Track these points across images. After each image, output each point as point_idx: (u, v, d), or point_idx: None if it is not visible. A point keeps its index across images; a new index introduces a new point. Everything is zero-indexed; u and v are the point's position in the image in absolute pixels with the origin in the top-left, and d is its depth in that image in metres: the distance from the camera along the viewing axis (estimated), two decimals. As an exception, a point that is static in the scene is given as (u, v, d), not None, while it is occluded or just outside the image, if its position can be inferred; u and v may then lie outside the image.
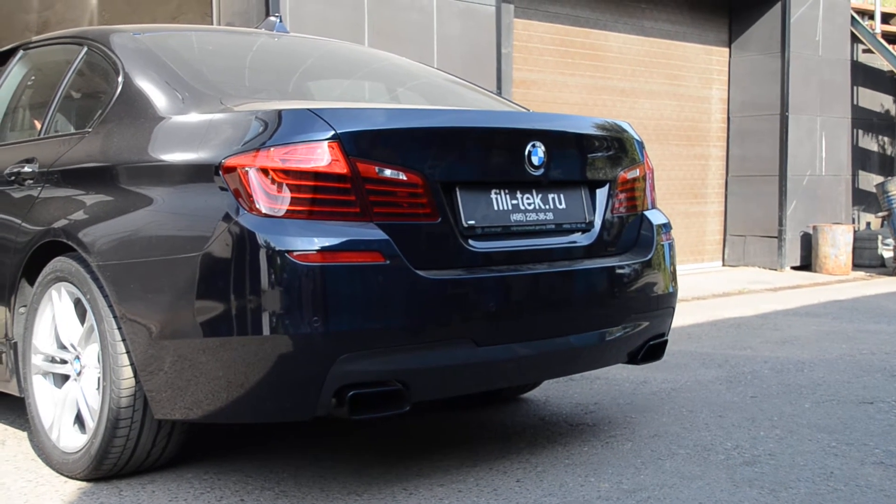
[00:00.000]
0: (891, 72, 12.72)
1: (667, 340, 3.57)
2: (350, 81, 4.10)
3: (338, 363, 2.65)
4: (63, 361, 3.25)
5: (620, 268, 3.30)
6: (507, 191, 3.09)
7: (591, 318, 3.22)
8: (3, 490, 3.05)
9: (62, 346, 3.25)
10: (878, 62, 12.67)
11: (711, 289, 8.82)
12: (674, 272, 3.58)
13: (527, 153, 3.07)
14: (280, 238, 2.63)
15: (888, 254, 11.08)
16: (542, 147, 3.11)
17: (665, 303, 3.50)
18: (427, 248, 2.84)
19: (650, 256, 3.41)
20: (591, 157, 3.35)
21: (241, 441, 3.59)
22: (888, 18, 12.98)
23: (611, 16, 9.62)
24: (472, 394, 3.99)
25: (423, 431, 3.75)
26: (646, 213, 3.52)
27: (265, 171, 2.68)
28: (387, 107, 3.41)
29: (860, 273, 10.50)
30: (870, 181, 12.75)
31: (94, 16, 8.21)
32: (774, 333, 6.25)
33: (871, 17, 12.46)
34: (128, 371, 2.95)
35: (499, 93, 7.64)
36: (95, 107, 3.42)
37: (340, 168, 2.70)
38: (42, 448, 3.28)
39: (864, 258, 11.12)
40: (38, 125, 3.73)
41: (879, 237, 11.23)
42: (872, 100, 12.99)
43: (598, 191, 3.35)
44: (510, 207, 3.08)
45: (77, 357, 3.19)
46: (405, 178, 2.80)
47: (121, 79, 3.31)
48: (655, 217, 3.55)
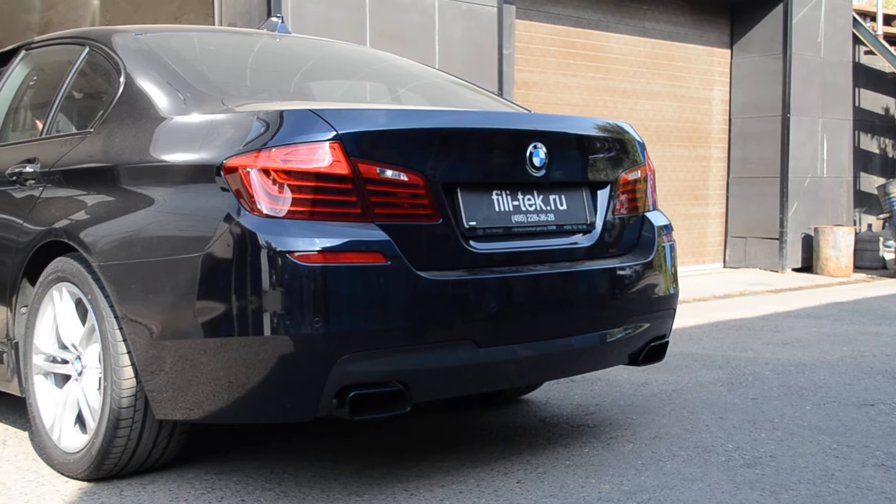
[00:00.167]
0: (892, 73, 12.72)
1: (668, 342, 3.57)
2: (351, 82, 4.10)
3: (339, 364, 2.65)
4: (64, 361, 3.25)
5: (621, 269, 3.30)
6: (509, 192, 3.08)
7: (593, 320, 3.22)
8: (5, 490, 3.06)
9: (63, 346, 3.25)
10: (880, 64, 12.67)
11: (712, 290, 8.81)
12: (675, 274, 3.58)
13: (528, 154, 3.07)
14: (281, 239, 2.63)
15: (889, 256, 11.08)
16: (544, 148, 3.11)
17: (666, 304, 3.50)
18: (428, 249, 2.83)
19: (651, 258, 3.41)
20: (593, 159, 3.35)
21: (242, 441, 3.59)
22: (890, 20, 12.97)
23: (612, 17, 9.62)
24: (473, 395, 3.99)
25: (424, 432, 3.75)
26: (647, 215, 3.52)
27: (266, 172, 2.68)
28: (388, 107, 3.41)
29: (861, 275, 10.49)
30: (871, 183, 12.74)
31: (97, 16, 8.22)
32: (775, 335, 6.25)
33: (873, 19, 12.47)
34: (129, 371, 2.95)
35: (500, 94, 7.64)
36: (97, 107, 3.42)
37: (342, 169, 2.70)
38: (43, 448, 3.29)
39: (866, 260, 11.11)
40: (40, 125, 3.74)
41: (881, 239, 11.23)
42: (874, 101, 12.98)
43: (600, 192, 3.35)
44: (511, 208, 3.08)
45: (78, 357, 3.19)
46: (406, 179, 2.80)
47: (122, 79, 3.31)
48: (656, 218, 3.55)
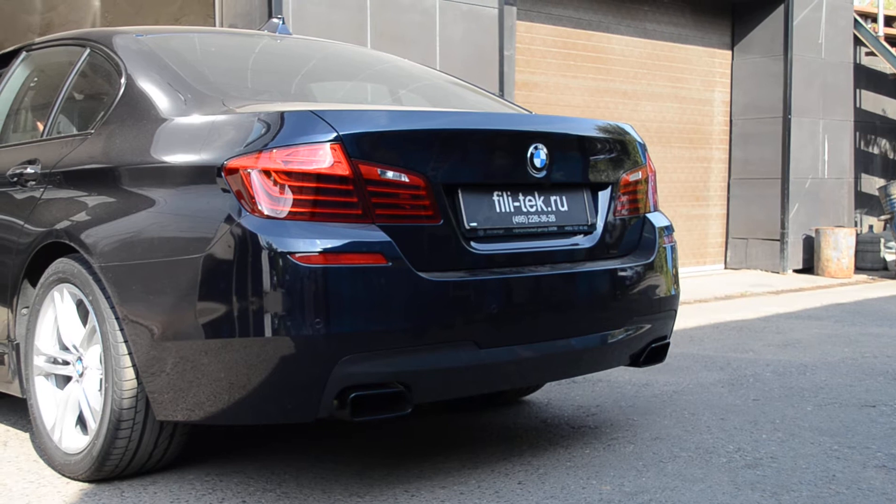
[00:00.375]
0: (893, 75, 12.72)
1: (669, 343, 3.57)
2: (352, 83, 4.10)
3: (340, 365, 2.65)
4: (65, 363, 3.25)
5: (622, 270, 3.30)
6: (510, 193, 3.08)
7: (594, 321, 3.22)
8: (6, 491, 3.06)
9: (64, 348, 3.25)
10: (881, 65, 12.67)
11: (713, 291, 8.81)
12: (676, 275, 3.58)
13: (529, 155, 3.07)
14: (282, 240, 2.63)
15: (890, 257, 11.07)
16: (545, 149, 3.11)
17: (667, 305, 3.50)
18: (429, 250, 2.83)
19: (652, 259, 3.41)
20: (594, 160, 3.34)
21: (243, 442, 3.59)
22: (891, 21, 12.98)
23: (613, 18, 9.62)
24: (474, 396, 3.99)
25: (425, 433, 3.75)
26: (648, 216, 3.52)
27: (267, 173, 2.68)
28: (389, 109, 3.41)
29: (862, 276, 10.49)
30: (872, 184, 12.74)
31: (97, 17, 8.22)
32: (776, 336, 6.24)
33: (874, 20, 12.47)
34: (130, 372, 2.95)
35: (501, 95, 7.65)
36: (98, 108, 3.42)
37: (343, 170, 2.70)
38: (44, 449, 3.29)
39: (867, 261, 11.11)
40: (41, 126, 3.74)
41: (882, 240, 11.22)
42: (875, 103, 12.99)
43: (601, 193, 3.35)
44: (512, 209, 3.08)
45: (79, 358, 3.19)
46: (407, 180, 2.80)
47: (123, 80, 3.31)
48: (657, 219, 3.55)
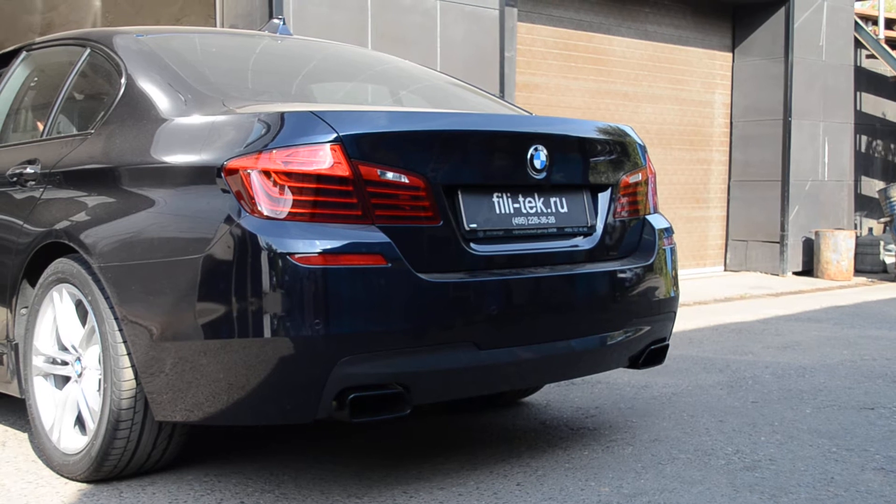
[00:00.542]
0: (894, 77, 12.72)
1: (668, 345, 3.57)
2: (353, 84, 4.10)
3: (339, 366, 2.65)
4: (64, 363, 3.25)
5: (622, 272, 3.29)
6: (510, 194, 3.08)
7: (593, 322, 3.22)
8: (4, 491, 3.05)
9: (63, 348, 3.25)
10: (882, 68, 12.67)
11: (713, 293, 8.81)
12: (675, 276, 3.58)
13: (529, 157, 3.07)
14: (282, 240, 2.63)
15: (890, 259, 11.07)
16: (545, 151, 3.11)
17: (666, 307, 3.50)
18: (429, 252, 2.83)
19: (652, 261, 3.41)
20: (594, 161, 3.34)
21: (242, 443, 3.59)
22: (892, 24, 12.98)
23: (614, 20, 9.62)
24: (474, 397, 3.99)
25: (424, 434, 3.75)
26: (648, 218, 3.52)
27: (267, 174, 2.68)
28: (389, 109, 3.41)
29: (862, 279, 10.49)
30: (872, 187, 12.75)
31: (98, 17, 8.23)
32: (776, 339, 6.24)
33: (875, 23, 12.48)
34: (129, 373, 2.94)
35: (501, 96, 7.65)
36: (98, 108, 3.42)
37: (342, 171, 2.70)
38: (43, 449, 3.28)
39: (866, 264, 11.11)
40: (41, 126, 3.74)
41: (881, 243, 11.22)
42: (875, 105, 12.99)
43: (601, 195, 3.35)
44: (512, 211, 3.08)
45: (78, 358, 3.18)
46: (407, 181, 2.80)
47: (123, 80, 3.31)
48: (657, 221, 3.55)
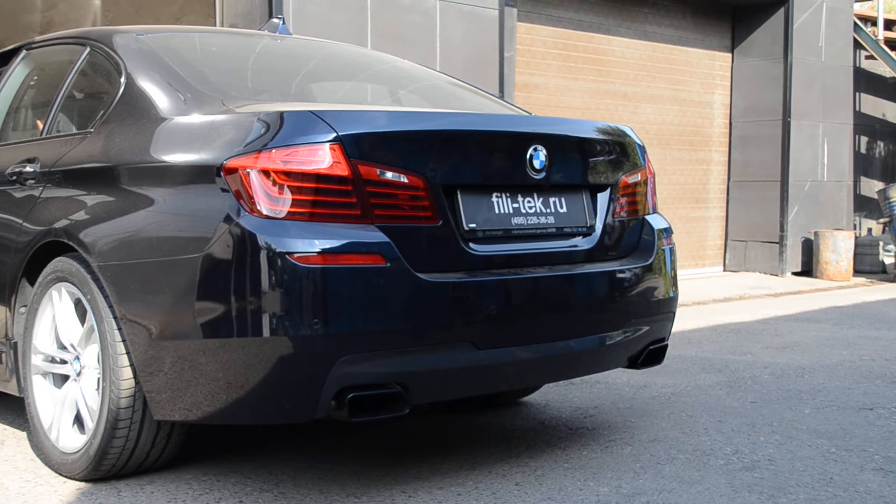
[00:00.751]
0: (893, 78, 12.73)
1: (667, 345, 3.57)
2: (352, 84, 4.10)
3: (337, 365, 2.65)
4: (63, 362, 3.25)
5: (621, 272, 3.29)
6: (509, 194, 3.08)
7: (592, 322, 3.22)
8: (2, 490, 3.05)
9: (62, 347, 3.25)
10: (881, 68, 12.68)
11: (712, 294, 8.81)
12: (674, 277, 3.58)
13: (528, 157, 3.07)
14: (281, 240, 2.63)
15: (889, 260, 11.08)
16: (544, 151, 3.11)
17: (666, 307, 3.50)
18: (428, 251, 2.83)
19: (651, 261, 3.41)
20: (593, 161, 3.35)
21: (241, 442, 3.59)
22: (891, 25, 12.98)
23: (614, 20, 9.62)
24: (472, 397, 3.99)
25: (423, 434, 3.75)
26: (647, 218, 3.52)
27: (266, 173, 2.68)
28: (389, 109, 3.41)
29: (861, 279, 10.49)
30: (871, 187, 12.75)
31: (98, 16, 8.23)
32: (775, 339, 6.25)
33: (874, 24, 12.47)
34: (127, 372, 2.95)
35: (501, 96, 7.65)
36: (97, 107, 3.42)
37: (342, 170, 2.70)
38: (41, 448, 3.28)
39: (866, 264, 11.11)
40: (41, 125, 3.74)
41: (881, 243, 11.23)
42: (875, 106, 13.00)
43: (600, 195, 3.35)
44: (511, 211, 3.08)
45: (77, 357, 3.18)
46: (406, 181, 2.80)
47: (123, 79, 3.31)
48: (656, 221, 3.55)
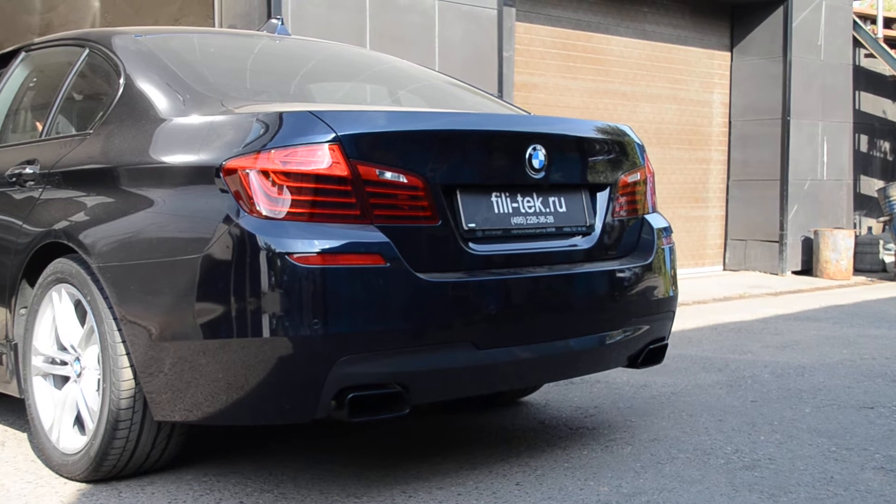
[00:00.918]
0: (893, 76, 12.74)
1: (667, 344, 3.57)
2: (351, 84, 4.10)
3: (338, 365, 2.65)
4: (63, 363, 3.25)
5: (621, 271, 3.30)
6: (508, 194, 3.08)
7: (592, 322, 3.22)
8: (3, 491, 3.05)
9: (62, 348, 3.25)
10: (880, 67, 12.68)
11: (712, 293, 8.81)
12: (674, 276, 3.58)
13: (527, 156, 3.07)
14: (280, 240, 2.63)
15: (889, 259, 11.08)
16: (543, 150, 3.11)
17: (665, 306, 3.50)
18: (427, 251, 2.83)
19: (651, 260, 3.41)
20: (592, 161, 3.35)
21: (241, 443, 3.59)
22: (890, 23, 12.99)
23: (612, 20, 9.63)
24: (472, 397, 3.99)
25: (423, 434, 3.75)
26: (646, 217, 3.52)
27: (266, 174, 2.68)
28: (388, 109, 3.41)
29: (861, 278, 10.49)
30: (871, 186, 12.75)
31: (97, 18, 8.23)
32: (775, 338, 6.25)
33: (874, 22, 12.48)
34: (128, 372, 2.95)
35: (500, 96, 7.65)
36: (97, 108, 3.42)
37: (341, 170, 2.70)
38: (42, 449, 3.28)
39: (866, 263, 11.12)
40: (40, 127, 3.74)
41: (881, 242, 11.23)
42: (874, 104, 13.00)
43: (599, 194, 3.35)
44: (510, 210, 3.08)
45: (77, 358, 3.19)
46: (406, 181, 2.80)
47: (122, 81, 3.31)
48: (656, 221, 3.55)
